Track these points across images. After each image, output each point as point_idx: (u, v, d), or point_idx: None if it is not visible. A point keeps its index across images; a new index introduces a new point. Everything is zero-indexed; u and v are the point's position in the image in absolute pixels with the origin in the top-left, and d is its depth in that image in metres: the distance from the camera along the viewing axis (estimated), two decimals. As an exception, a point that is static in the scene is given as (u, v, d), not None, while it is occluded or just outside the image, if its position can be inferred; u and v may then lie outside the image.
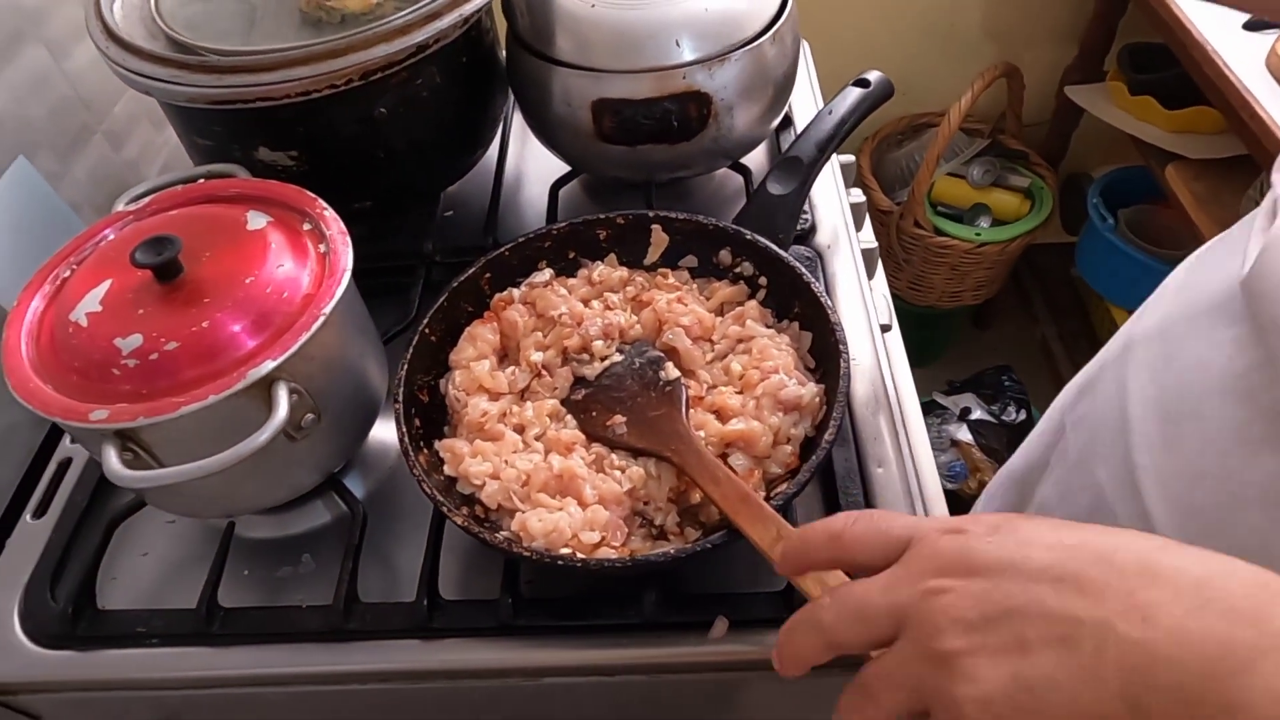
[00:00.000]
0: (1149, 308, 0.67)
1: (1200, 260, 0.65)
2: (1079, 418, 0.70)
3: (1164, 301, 0.65)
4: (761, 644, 0.54)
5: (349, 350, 0.57)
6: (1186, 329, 0.58)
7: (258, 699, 0.59)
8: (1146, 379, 0.61)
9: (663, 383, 0.61)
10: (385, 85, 0.68)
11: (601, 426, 0.59)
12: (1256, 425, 0.49)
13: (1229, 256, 0.56)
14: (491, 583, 0.57)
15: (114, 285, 0.53)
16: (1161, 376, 0.59)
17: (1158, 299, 0.66)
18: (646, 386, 0.62)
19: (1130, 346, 0.65)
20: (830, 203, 0.84)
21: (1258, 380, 0.49)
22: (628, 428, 0.59)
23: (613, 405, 0.61)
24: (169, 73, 0.64)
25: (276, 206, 0.59)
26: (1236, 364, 0.51)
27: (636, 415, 0.59)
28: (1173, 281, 0.67)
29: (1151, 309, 0.66)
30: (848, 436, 0.64)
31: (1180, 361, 0.57)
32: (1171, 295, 0.64)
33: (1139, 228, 1.70)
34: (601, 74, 0.72)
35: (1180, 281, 0.65)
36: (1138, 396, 0.60)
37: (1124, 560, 0.32)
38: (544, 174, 0.87)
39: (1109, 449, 0.61)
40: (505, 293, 0.66)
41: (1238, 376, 0.51)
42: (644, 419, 0.59)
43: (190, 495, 0.57)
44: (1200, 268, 0.64)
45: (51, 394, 0.50)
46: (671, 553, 0.51)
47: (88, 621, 0.58)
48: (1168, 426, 0.57)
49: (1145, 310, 0.68)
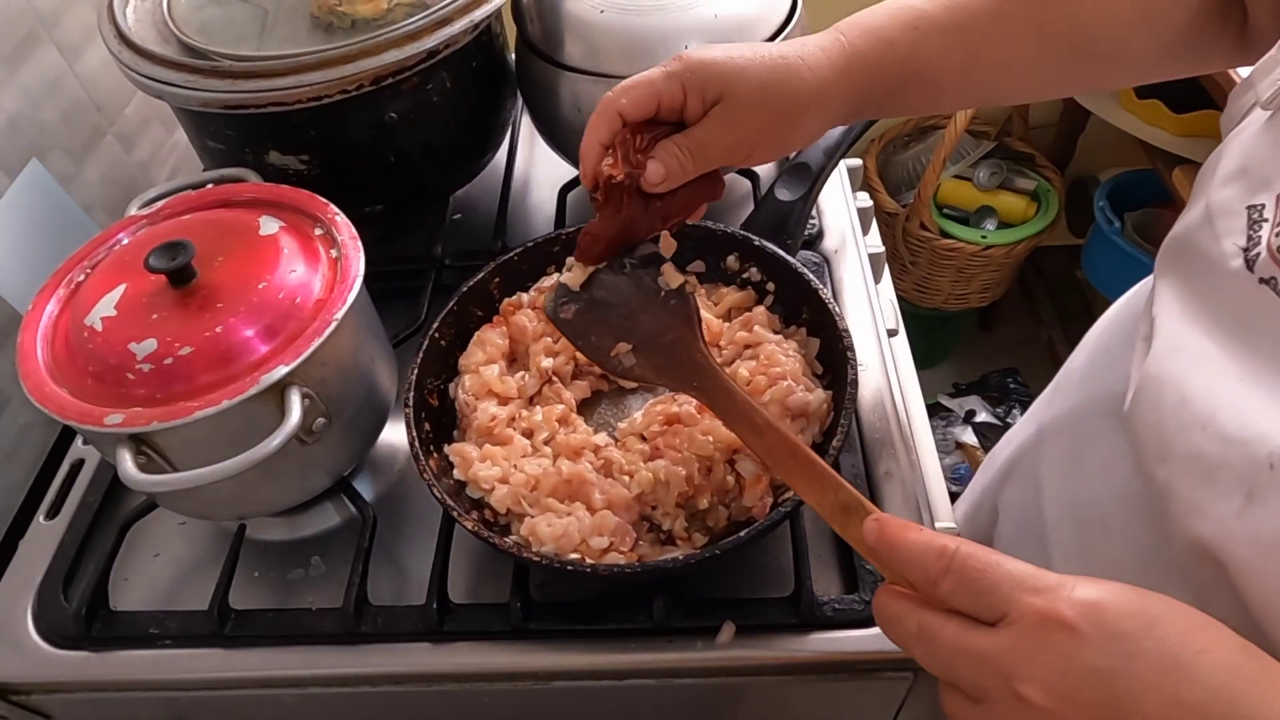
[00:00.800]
0: (1057, 393, 0.66)
1: (1102, 343, 0.63)
2: (1006, 502, 0.69)
3: (1070, 390, 0.63)
4: (769, 649, 0.55)
5: (360, 354, 0.58)
6: (1093, 427, 0.57)
7: (269, 700, 0.59)
8: (1060, 479, 0.59)
9: (665, 294, 0.53)
10: (396, 90, 0.68)
11: (604, 355, 0.52)
12: (1163, 551, 0.46)
13: (1125, 347, 0.54)
14: (501, 586, 0.57)
15: (128, 290, 0.53)
16: (1072, 479, 0.58)
17: (1063, 384, 0.65)
18: (649, 300, 0.52)
19: (1043, 437, 0.64)
20: (838, 208, 0.84)
21: (1157, 506, 0.45)
22: (636, 356, 0.51)
23: (613, 326, 0.52)
24: (182, 77, 0.64)
25: (289, 211, 0.59)
26: (1136, 483, 0.48)
27: (644, 340, 0.51)
28: (1078, 365, 0.65)
29: (1060, 396, 0.65)
30: (855, 443, 0.65)
31: (1089, 465, 0.56)
32: (1077, 384, 0.62)
33: (1145, 231, 1.69)
34: (611, 79, 0.72)
35: (1084, 369, 0.63)
36: (1051, 496, 0.59)
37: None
38: (552, 178, 0.87)
39: (1033, 547, 0.61)
40: (514, 297, 0.67)
41: (1140, 495, 0.48)
42: (655, 345, 0.51)
43: (203, 498, 0.57)
44: (1102, 354, 0.62)
45: (67, 398, 0.51)
46: (680, 558, 0.51)
47: (101, 622, 0.59)
48: (1080, 536, 0.55)
49: (1055, 395, 0.66)
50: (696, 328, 0.52)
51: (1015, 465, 0.68)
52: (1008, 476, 0.69)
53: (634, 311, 0.53)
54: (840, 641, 0.55)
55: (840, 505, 0.44)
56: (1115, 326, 0.62)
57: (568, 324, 0.54)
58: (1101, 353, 0.61)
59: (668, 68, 0.51)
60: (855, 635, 0.55)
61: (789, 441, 0.46)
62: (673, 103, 0.51)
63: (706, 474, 0.56)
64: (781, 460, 0.47)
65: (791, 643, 0.55)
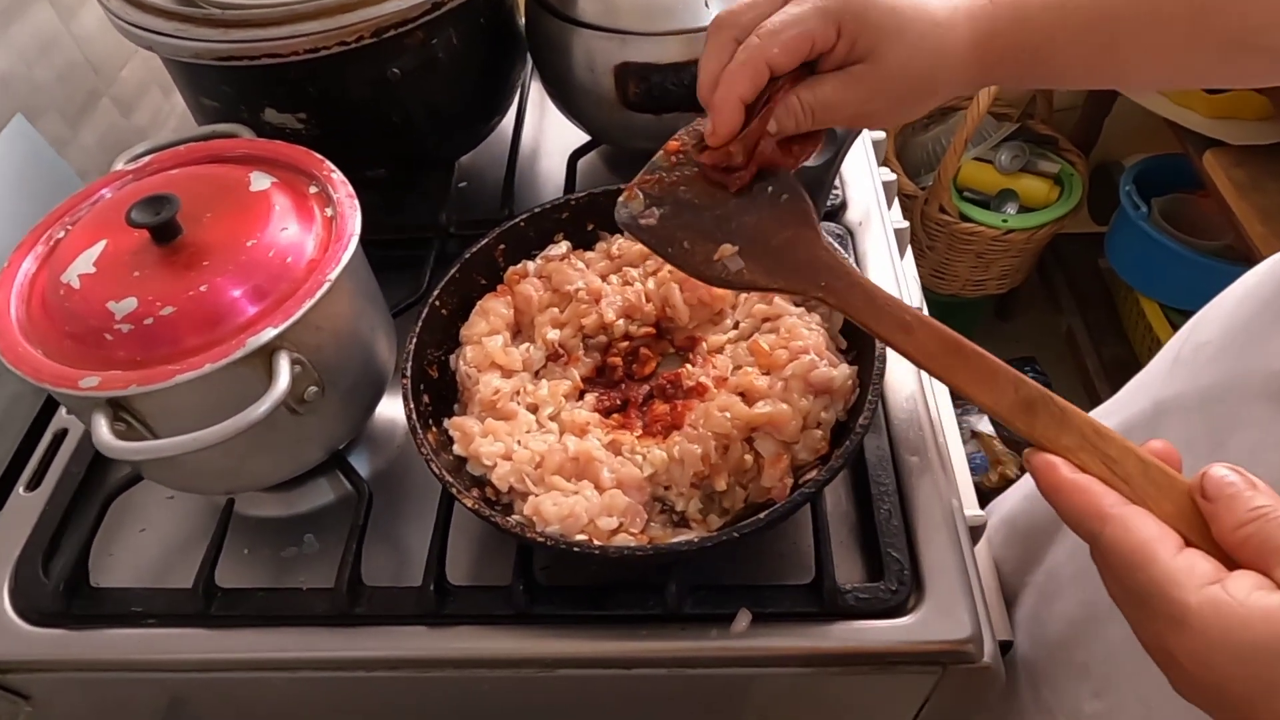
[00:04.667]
0: (1179, 368, 0.61)
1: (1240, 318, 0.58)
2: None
3: (1200, 366, 0.59)
4: (787, 639, 0.51)
5: (356, 321, 0.55)
6: (1238, 408, 0.52)
7: (259, 683, 0.56)
8: (1186, 461, 0.55)
9: (772, 190, 0.45)
10: (399, 44, 0.64)
11: (702, 262, 0.45)
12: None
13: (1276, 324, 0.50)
14: (503, 568, 0.54)
15: (109, 246, 0.50)
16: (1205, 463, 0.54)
17: (1189, 359, 0.61)
18: (753, 200, 0.45)
19: (1163, 415, 0.60)
20: (862, 180, 0.80)
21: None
22: (744, 259, 0.44)
23: (709, 229, 0.44)
24: (172, 26, 0.61)
25: (282, 168, 0.56)
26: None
27: (753, 242, 0.44)
28: (1209, 339, 0.60)
29: (1185, 371, 0.60)
30: (880, 422, 0.61)
31: (1231, 449, 0.52)
32: (1209, 360, 0.58)
33: (1173, 217, 1.65)
34: (627, 36, 0.68)
35: (1220, 344, 0.59)
36: None
37: None
38: (562, 144, 0.83)
39: None
40: (520, 265, 0.63)
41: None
42: (765, 247, 0.44)
43: (188, 469, 0.54)
44: (1243, 329, 0.57)
45: (41, 359, 0.47)
46: (695, 541, 0.48)
47: (81, 599, 0.56)
48: None
49: (1175, 370, 0.62)
50: (816, 225, 0.45)
51: None
52: None
53: (733, 213, 0.45)
54: (863, 632, 0.51)
55: (1023, 403, 0.38)
56: (1256, 301, 0.57)
57: (650, 231, 0.47)
58: (1241, 329, 0.57)
59: (821, 3, 0.45)
60: (879, 626, 0.52)
61: (947, 336, 0.41)
62: (824, 47, 0.46)
63: (723, 453, 0.53)
64: (941, 360, 0.41)
65: (811, 632, 0.52)
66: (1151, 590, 0.32)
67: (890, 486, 0.57)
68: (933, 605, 0.52)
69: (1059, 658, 0.63)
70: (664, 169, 0.49)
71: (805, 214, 0.45)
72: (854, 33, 0.46)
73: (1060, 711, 0.63)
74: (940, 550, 0.54)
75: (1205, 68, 0.50)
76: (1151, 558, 0.32)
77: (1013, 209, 1.71)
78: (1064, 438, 0.37)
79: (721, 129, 0.47)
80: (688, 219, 0.46)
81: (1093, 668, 0.59)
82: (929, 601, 0.52)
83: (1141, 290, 1.72)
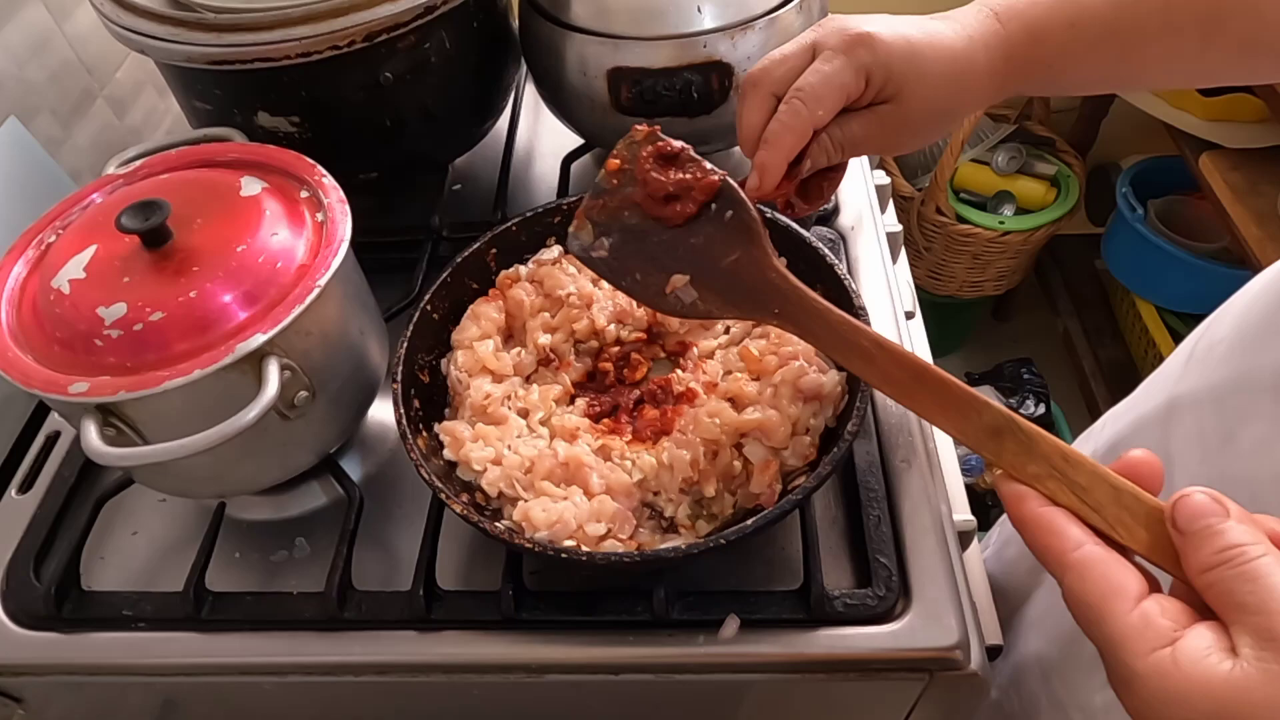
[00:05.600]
0: (1192, 365, 0.62)
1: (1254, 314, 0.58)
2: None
3: (1214, 363, 0.59)
4: (775, 645, 0.52)
5: (346, 325, 0.55)
6: (1248, 403, 0.53)
7: (250, 687, 0.56)
8: (1199, 455, 0.55)
9: (714, 207, 0.44)
10: (391, 48, 0.65)
11: (656, 294, 0.44)
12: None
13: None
14: (493, 573, 0.54)
15: (99, 251, 0.50)
16: (1217, 456, 0.53)
17: (1202, 356, 0.61)
18: (695, 219, 0.43)
19: (1176, 411, 0.60)
20: (855, 183, 0.80)
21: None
22: (696, 289, 0.42)
23: (659, 257, 0.43)
24: (165, 30, 0.61)
25: (273, 173, 0.56)
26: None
27: (702, 268, 0.42)
28: (1222, 336, 0.60)
29: (1199, 368, 0.61)
30: (869, 428, 0.61)
31: (1241, 443, 0.52)
32: (1223, 357, 0.58)
33: (1169, 219, 1.65)
34: (619, 41, 0.68)
35: (1232, 340, 0.59)
36: (1186, 473, 0.55)
37: None
38: (556, 147, 0.83)
39: None
40: (512, 270, 0.63)
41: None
42: (714, 272, 0.42)
43: (179, 474, 0.54)
44: (1255, 326, 0.57)
45: (31, 365, 0.48)
46: (683, 547, 0.48)
47: (72, 603, 0.56)
48: None
49: (1189, 367, 0.62)
50: (764, 242, 0.44)
51: (1133, 440, 0.64)
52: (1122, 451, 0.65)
53: (680, 237, 0.43)
54: (851, 639, 0.52)
55: (989, 430, 0.37)
56: (1267, 301, 0.58)
57: (603, 263, 0.46)
58: (1252, 327, 0.57)
59: (853, 57, 0.48)
60: (867, 632, 0.52)
61: (910, 362, 0.40)
62: (854, 97, 0.49)
63: (712, 459, 0.53)
64: (904, 387, 0.40)
65: (799, 639, 0.52)
66: (1104, 647, 0.31)
67: (879, 492, 0.57)
68: (920, 611, 0.52)
69: (1070, 651, 0.64)
70: (608, 192, 0.49)
71: (751, 230, 0.44)
72: (880, 81, 0.49)
73: (1071, 704, 0.63)
74: (928, 556, 0.54)
75: (1221, 68, 0.51)
76: (1105, 615, 0.31)
77: (1009, 210, 1.71)
78: (1031, 465, 0.36)
79: (768, 186, 0.49)
80: (636, 247, 0.45)
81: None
82: (916, 608, 0.52)
83: (1138, 292, 1.72)
